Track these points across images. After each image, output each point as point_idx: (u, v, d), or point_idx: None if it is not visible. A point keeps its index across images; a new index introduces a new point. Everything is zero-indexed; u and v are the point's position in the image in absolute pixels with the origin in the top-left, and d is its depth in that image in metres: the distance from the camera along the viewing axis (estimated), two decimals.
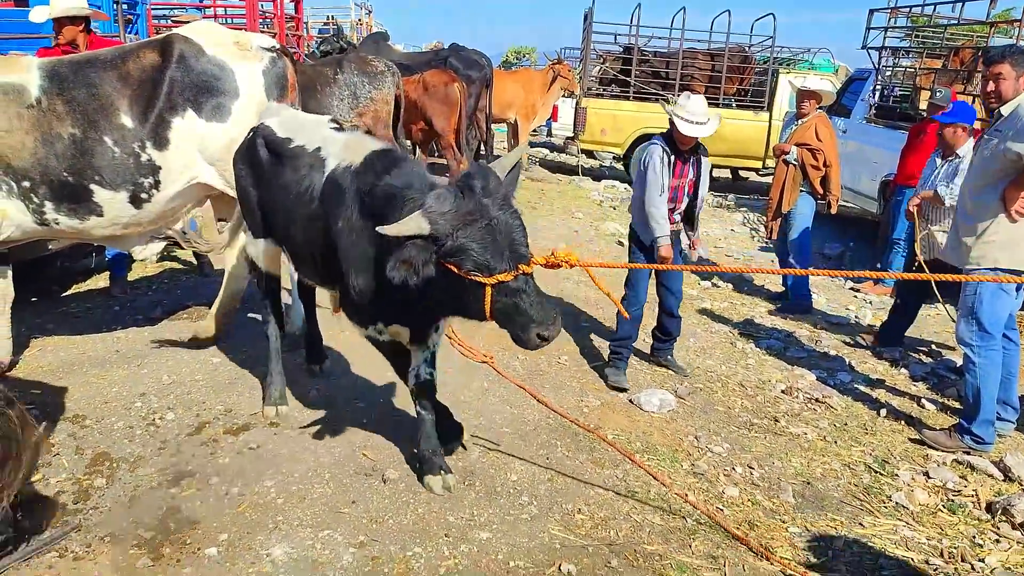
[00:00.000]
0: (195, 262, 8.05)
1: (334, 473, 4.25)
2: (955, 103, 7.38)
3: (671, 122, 5.58)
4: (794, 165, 7.78)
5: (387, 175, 3.73)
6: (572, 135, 17.17)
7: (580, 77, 15.71)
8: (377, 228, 3.30)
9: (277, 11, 13.37)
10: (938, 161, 7.14)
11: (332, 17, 25.18)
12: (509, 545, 3.74)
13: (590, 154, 17.57)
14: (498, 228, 3.32)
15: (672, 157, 5.69)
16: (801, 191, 7.86)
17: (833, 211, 8.00)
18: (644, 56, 15.76)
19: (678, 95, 14.58)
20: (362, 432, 4.77)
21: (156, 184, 5.42)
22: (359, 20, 24.10)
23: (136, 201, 5.39)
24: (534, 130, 18.00)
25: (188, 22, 12.97)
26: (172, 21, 12.63)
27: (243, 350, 5.91)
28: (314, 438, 4.65)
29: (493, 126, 14.75)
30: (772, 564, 3.78)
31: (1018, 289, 5.15)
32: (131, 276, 7.53)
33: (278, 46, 5.93)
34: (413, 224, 3.27)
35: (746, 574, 3.69)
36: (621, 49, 16.17)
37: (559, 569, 3.58)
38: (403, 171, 3.74)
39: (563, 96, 16.88)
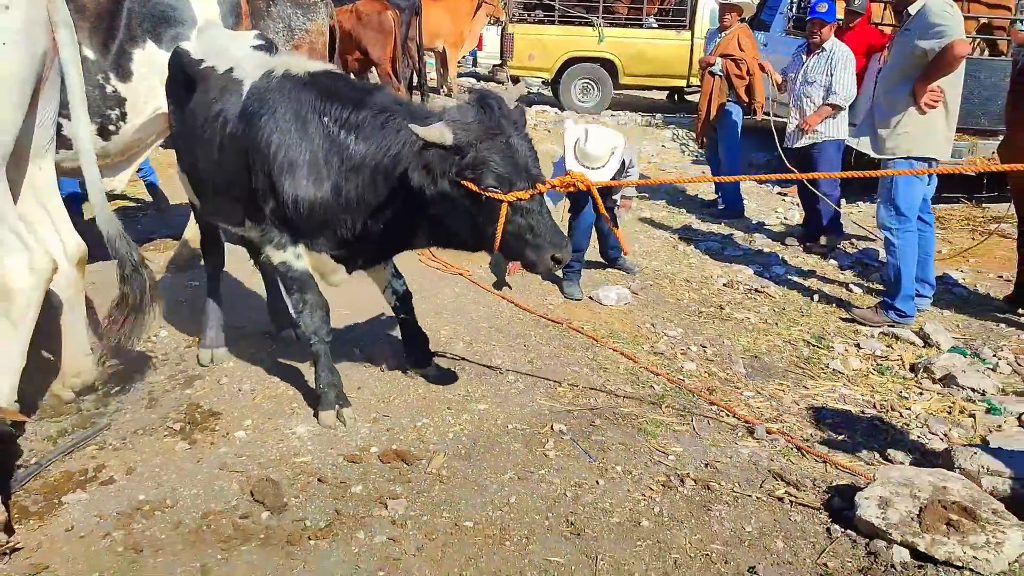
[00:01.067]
0: (149, 198, 8.13)
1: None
2: (829, 2, 7.71)
3: (564, 157, 5.69)
4: (719, 76, 8.25)
5: (362, 89, 3.81)
6: (499, 63, 17.32)
7: (505, 3, 15.83)
8: (411, 125, 3.33)
9: None
10: (803, 56, 7.46)
11: None
12: (505, 413, 4.20)
13: (516, 79, 17.77)
14: (516, 147, 3.39)
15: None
16: (728, 100, 8.34)
17: (759, 117, 8.52)
18: None
19: (601, 17, 14.95)
20: (357, 326, 5.14)
21: (123, 116, 5.52)
22: None
23: (104, 133, 5.50)
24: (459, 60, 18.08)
25: None
26: None
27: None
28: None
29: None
30: (733, 417, 4.32)
31: (929, 174, 5.72)
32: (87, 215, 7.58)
33: None
34: (437, 132, 3.30)
35: (711, 427, 4.22)
36: None
37: (551, 428, 4.06)
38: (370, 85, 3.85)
39: (489, 23, 16.97)
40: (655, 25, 15.53)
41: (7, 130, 3.51)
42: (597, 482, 3.62)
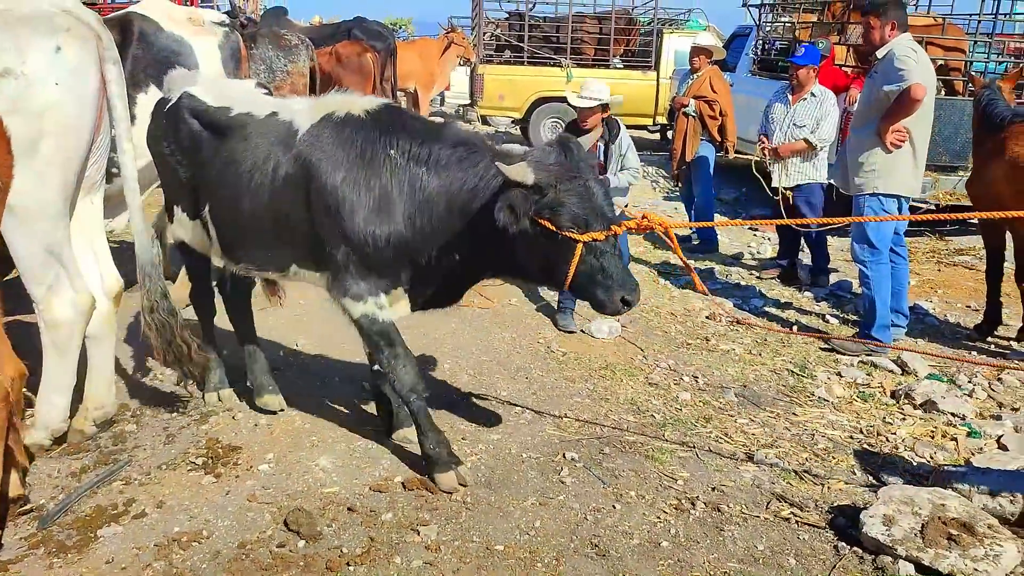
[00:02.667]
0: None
1: (347, 398, 4.81)
2: (806, 47, 8.10)
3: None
4: (693, 117, 8.55)
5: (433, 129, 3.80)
6: (468, 102, 17.61)
7: (475, 44, 16.16)
8: (497, 164, 3.38)
9: None
10: (790, 97, 7.65)
11: None
12: (517, 443, 4.37)
13: (485, 120, 18.08)
14: (593, 190, 3.47)
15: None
16: (701, 140, 8.64)
17: (731, 156, 8.85)
18: (535, 21, 16.34)
19: (569, 58, 15.33)
20: (362, 361, 5.19)
21: (134, 161, 5.63)
22: None
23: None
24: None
25: (87, 2, 12.73)
26: None
27: None
28: (321, 375, 5.14)
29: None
30: (731, 443, 4.52)
31: (900, 209, 6.02)
32: None
33: (229, 21, 6.22)
34: (520, 171, 3.35)
35: (711, 453, 4.41)
36: (507, 16, 16.71)
37: (564, 456, 4.23)
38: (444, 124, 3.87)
39: (459, 63, 17.28)
40: (621, 66, 15.97)
41: (72, 169, 3.72)
42: (614, 506, 3.79)
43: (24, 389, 3.39)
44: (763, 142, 7.68)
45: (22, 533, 3.46)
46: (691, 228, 8.76)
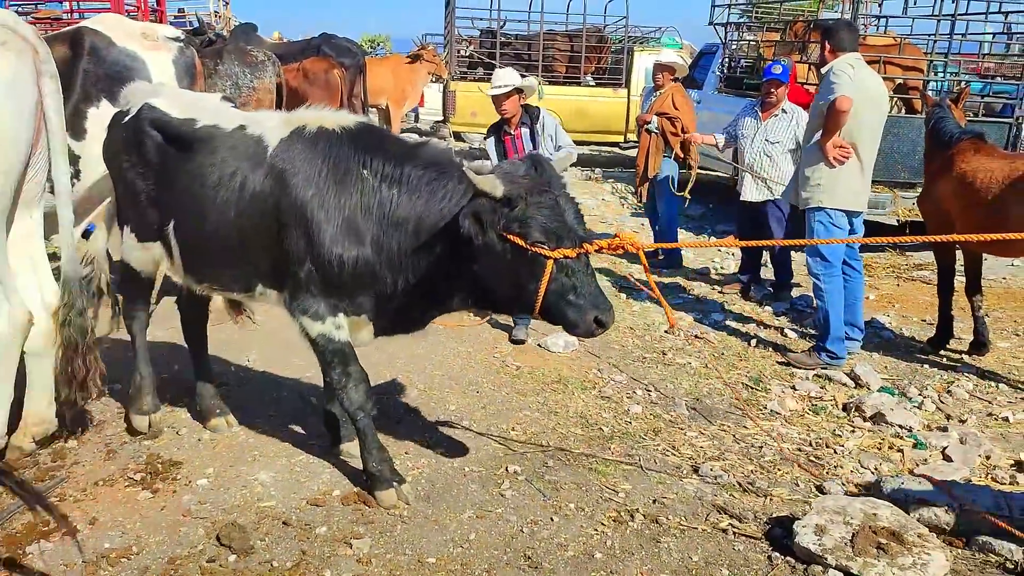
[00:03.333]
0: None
1: (295, 413, 4.80)
2: (782, 65, 8.14)
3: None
4: (656, 133, 8.59)
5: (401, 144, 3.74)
6: (441, 119, 17.67)
7: (447, 61, 16.24)
8: (465, 169, 3.31)
9: (140, 4, 13.28)
10: (760, 114, 7.68)
11: (183, 9, 24.59)
12: (461, 457, 4.36)
13: (458, 136, 18.15)
14: (564, 206, 3.37)
15: (498, 135, 6.18)
16: (664, 156, 8.68)
17: (693, 173, 8.90)
18: (507, 39, 16.46)
19: (540, 75, 15.43)
20: (311, 377, 5.22)
21: (76, 173, 5.58)
22: (216, 12, 23.71)
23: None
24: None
25: (51, 18, 12.71)
26: (33, 18, 12.33)
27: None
28: (270, 390, 5.13)
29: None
30: (678, 456, 4.54)
31: (851, 223, 6.09)
32: None
33: (184, 36, 6.22)
34: (489, 181, 3.27)
35: (656, 465, 4.42)
36: (479, 33, 16.83)
37: (506, 470, 4.23)
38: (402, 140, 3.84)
39: (431, 81, 17.35)
40: (593, 83, 16.09)
41: (9, 183, 3.71)
42: (552, 519, 3.79)
43: None
44: (713, 140, 8.02)
45: None
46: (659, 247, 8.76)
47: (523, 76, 6.47)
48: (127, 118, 4.17)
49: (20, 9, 12.64)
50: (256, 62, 9.48)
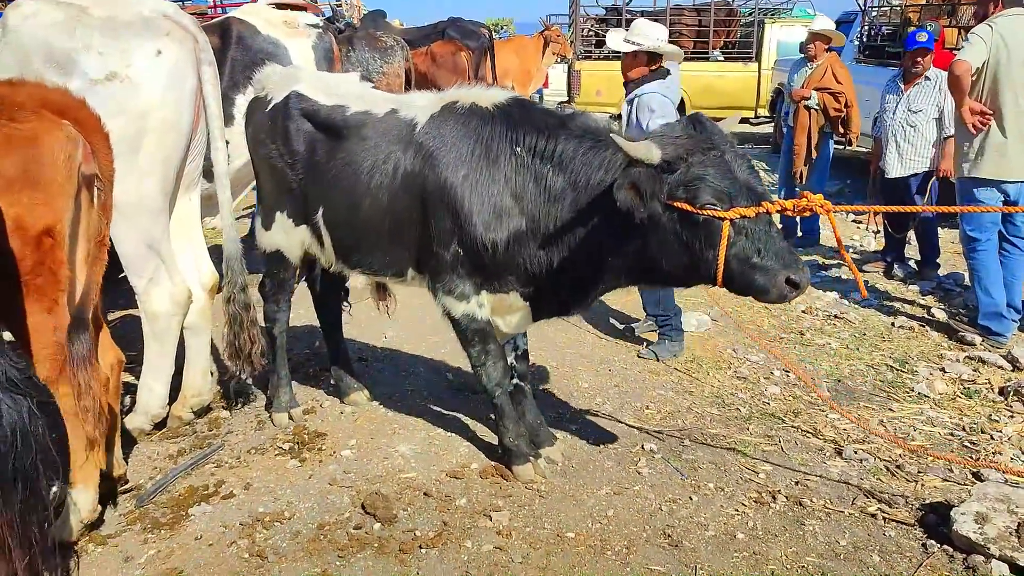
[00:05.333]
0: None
1: (431, 389, 4.90)
2: (927, 31, 7.63)
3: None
4: (816, 109, 8.05)
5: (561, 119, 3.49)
6: (566, 99, 17.61)
7: (571, 41, 16.15)
8: (615, 138, 3.10)
9: None
10: (901, 85, 7.27)
11: (314, 0, 25.39)
12: (596, 434, 4.35)
13: None
14: (733, 161, 3.05)
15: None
16: (826, 134, 8.18)
17: (853, 147, 8.40)
18: (632, 16, 16.21)
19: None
20: (447, 353, 5.34)
21: (227, 158, 5.87)
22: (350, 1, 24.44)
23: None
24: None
25: (198, 13, 13.32)
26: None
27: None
28: (407, 366, 5.25)
29: None
30: (820, 438, 4.38)
31: (1007, 196, 5.72)
32: None
33: (322, 23, 6.41)
34: (643, 148, 3.01)
35: (798, 447, 4.28)
36: (604, 11, 16.64)
37: (642, 447, 4.19)
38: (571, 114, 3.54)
39: (556, 61, 17.30)
40: (721, 58, 15.67)
41: (172, 167, 3.92)
42: (691, 498, 3.74)
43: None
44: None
45: (122, 510, 3.67)
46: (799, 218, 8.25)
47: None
48: (271, 106, 4.16)
49: None
50: (386, 47, 9.70)
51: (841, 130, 8.08)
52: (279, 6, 6.44)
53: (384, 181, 3.74)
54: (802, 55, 8.54)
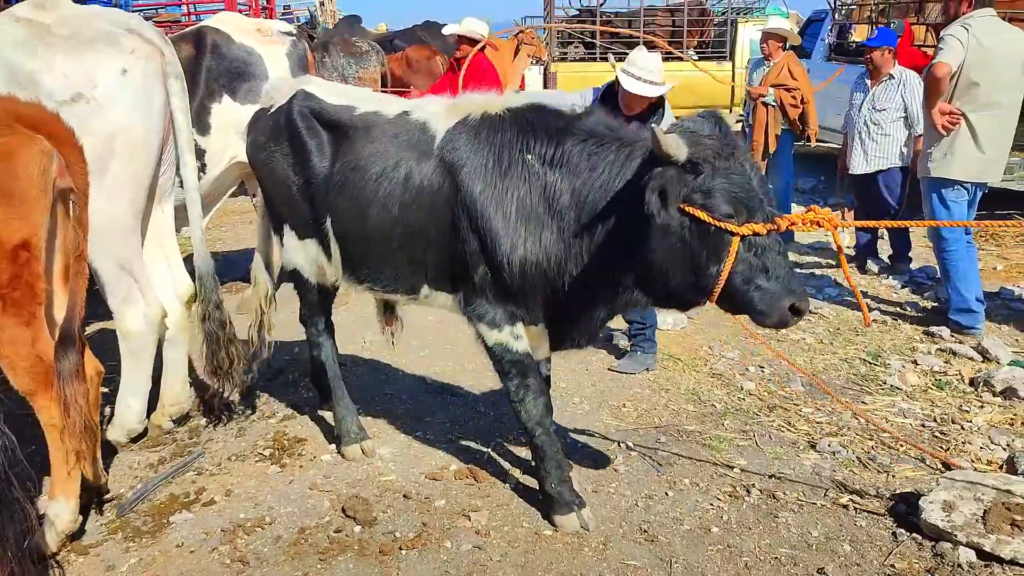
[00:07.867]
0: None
1: (411, 392, 4.93)
2: (880, 29, 7.86)
3: (618, 81, 4.42)
4: (773, 106, 8.26)
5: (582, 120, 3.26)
6: None
7: (547, 43, 16.21)
8: (652, 127, 2.80)
9: (252, 3, 13.75)
10: (868, 83, 7.43)
11: (288, 6, 25.36)
12: (574, 433, 4.41)
13: None
14: (751, 173, 2.87)
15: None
16: (783, 130, 8.40)
17: (812, 144, 8.59)
18: (606, 17, 16.31)
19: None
20: (426, 357, 5.41)
21: (203, 167, 5.87)
22: (321, 3, 24.43)
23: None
24: None
25: (172, 21, 13.29)
26: (155, 22, 12.93)
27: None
28: (387, 371, 5.30)
29: None
30: (794, 432, 4.46)
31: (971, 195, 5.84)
32: None
33: (296, 31, 6.45)
34: (673, 143, 2.77)
35: (773, 441, 4.36)
36: (578, 12, 16.72)
37: (619, 445, 4.25)
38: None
39: (531, 63, 17.36)
40: (695, 57, 15.77)
41: (142, 185, 3.91)
42: (666, 493, 3.80)
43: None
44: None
45: (103, 520, 3.69)
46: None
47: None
48: (276, 109, 3.94)
49: (144, 14, 13.30)
50: (361, 53, 9.75)
51: (800, 127, 8.23)
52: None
53: (395, 189, 3.49)
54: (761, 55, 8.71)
